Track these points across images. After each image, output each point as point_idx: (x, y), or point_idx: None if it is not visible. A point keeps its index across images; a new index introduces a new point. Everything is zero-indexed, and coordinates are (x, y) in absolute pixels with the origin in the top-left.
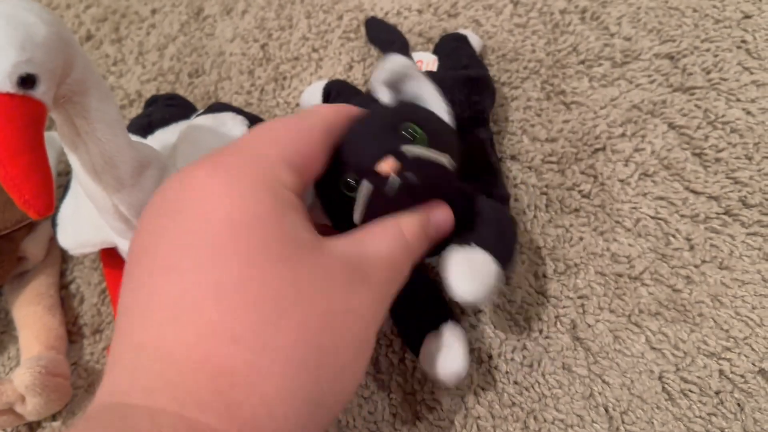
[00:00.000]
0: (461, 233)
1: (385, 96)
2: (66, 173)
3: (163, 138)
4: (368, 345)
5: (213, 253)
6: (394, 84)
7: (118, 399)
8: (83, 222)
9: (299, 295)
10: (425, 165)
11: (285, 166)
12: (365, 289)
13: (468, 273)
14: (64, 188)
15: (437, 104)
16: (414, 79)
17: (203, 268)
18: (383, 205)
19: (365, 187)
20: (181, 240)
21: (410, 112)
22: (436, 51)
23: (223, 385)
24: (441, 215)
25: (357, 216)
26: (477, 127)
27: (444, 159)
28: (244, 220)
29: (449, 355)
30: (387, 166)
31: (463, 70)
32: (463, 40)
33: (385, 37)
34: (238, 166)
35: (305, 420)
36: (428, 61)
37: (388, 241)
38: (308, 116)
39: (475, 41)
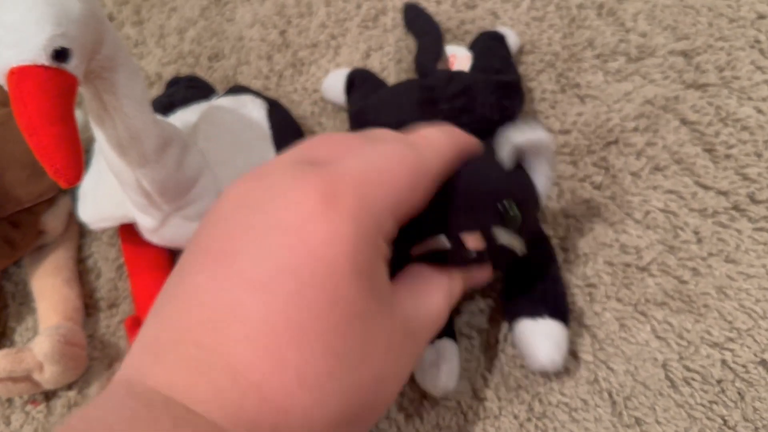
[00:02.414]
0: (525, 295)
1: (508, 158)
2: (86, 151)
3: (184, 118)
4: (395, 398)
5: (307, 290)
6: (521, 149)
7: (181, 397)
8: (104, 196)
9: (365, 355)
10: (503, 251)
11: (391, 214)
12: (413, 347)
13: (554, 347)
14: (85, 164)
15: (543, 185)
16: (540, 154)
17: (294, 303)
18: (444, 259)
19: (441, 241)
20: (277, 261)
21: (518, 187)
22: (471, 47)
23: (279, 422)
24: (483, 275)
25: (415, 251)
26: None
27: (520, 247)
28: (344, 270)
29: (441, 370)
30: (472, 243)
31: (496, 74)
32: (500, 39)
33: (420, 25)
34: (353, 211)
35: None
36: (461, 56)
37: (438, 296)
38: (431, 154)
39: (512, 41)
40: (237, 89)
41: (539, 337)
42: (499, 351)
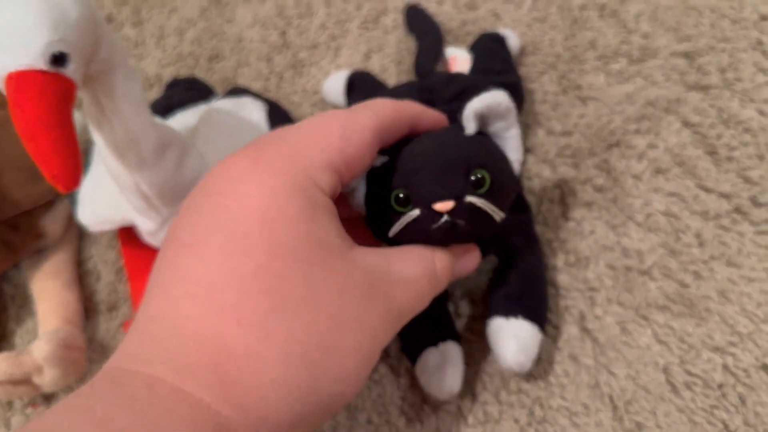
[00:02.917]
0: (504, 293)
1: (471, 127)
2: (85, 153)
3: (183, 120)
4: (372, 357)
5: (239, 240)
6: (484, 117)
7: (124, 365)
8: (103, 199)
9: (312, 294)
10: (478, 215)
11: (325, 167)
12: (382, 305)
13: (520, 347)
14: (84, 167)
15: (514, 152)
16: (505, 120)
17: (226, 251)
18: (421, 233)
19: (413, 214)
20: (211, 221)
21: (486, 155)
22: (472, 48)
23: (222, 362)
24: (471, 260)
25: (393, 231)
26: None
27: (497, 215)
28: (275, 217)
29: (446, 374)
30: (443, 207)
31: (495, 75)
32: (500, 41)
33: (421, 27)
34: (279, 163)
35: (297, 413)
36: (462, 58)
37: (417, 267)
38: (363, 112)
39: (513, 42)
40: (236, 91)
41: (508, 336)
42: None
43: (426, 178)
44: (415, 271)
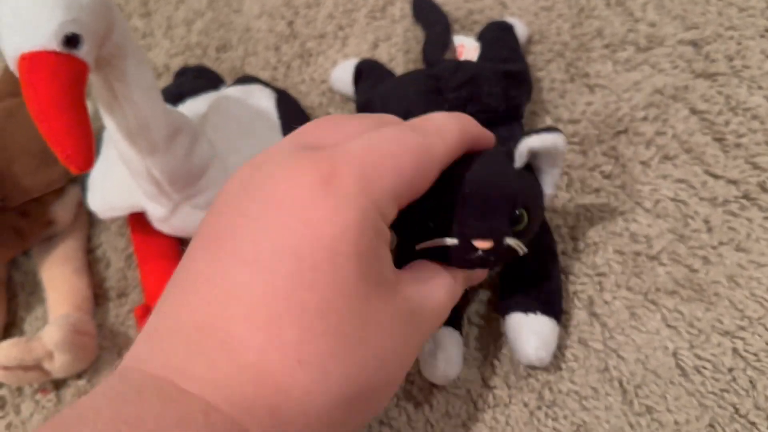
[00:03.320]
0: (521, 288)
1: (520, 162)
2: (96, 140)
3: (193, 108)
4: (399, 385)
5: (308, 273)
6: (535, 151)
7: (172, 376)
8: (114, 186)
9: (367, 336)
10: (510, 251)
11: (393, 198)
12: (416, 335)
13: (541, 343)
14: (95, 153)
15: (550, 188)
16: (552, 158)
17: (294, 283)
18: (452, 258)
19: (450, 241)
20: (280, 242)
21: (529, 194)
22: (480, 37)
23: (280, 404)
24: (481, 275)
25: (420, 246)
26: (511, 122)
27: (522, 249)
28: (344, 253)
29: (442, 358)
30: (482, 245)
31: (503, 64)
32: (508, 30)
33: (429, 16)
34: (353, 192)
35: None
36: (470, 47)
37: (443, 292)
38: (435, 141)
39: (521, 31)
40: (245, 79)
41: (529, 332)
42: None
43: (471, 212)
44: (442, 296)
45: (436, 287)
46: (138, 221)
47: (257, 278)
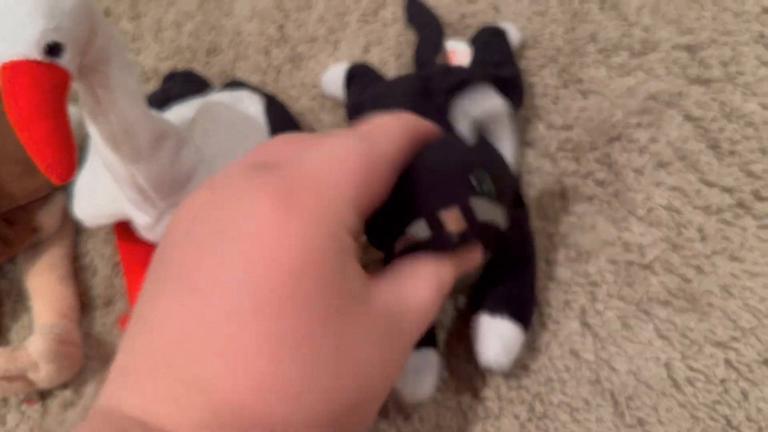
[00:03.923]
0: (492, 290)
1: (465, 129)
2: (81, 148)
3: (180, 113)
4: (386, 394)
5: (273, 301)
6: (480, 121)
7: (153, 420)
8: (99, 193)
9: (343, 354)
10: (487, 228)
11: (353, 208)
12: (398, 341)
13: (502, 348)
14: (80, 161)
15: (510, 152)
16: (502, 123)
17: (261, 315)
18: (429, 248)
19: (421, 229)
20: (240, 274)
21: (486, 158)
22: (472, 42)
23: None
24: (474, 260)
25: (399, 246)
26: None
27: (502, 222)
28: (308, 273)
29: (416, 379)
30: (453, 222)
31: (494, 69)
32: (500, 35)
33: (421, 19)
34: (310, 208)
35: None
36: (462, 51)
37: (426, 287)
38: (380, 140)
39: (514, 36)
40: (234, 84)
41: (492, 335)
42: None
43: (430, 192)
44: (425, 294)
45: (417, 285)
46: (124, 230)
47: (222, 316)
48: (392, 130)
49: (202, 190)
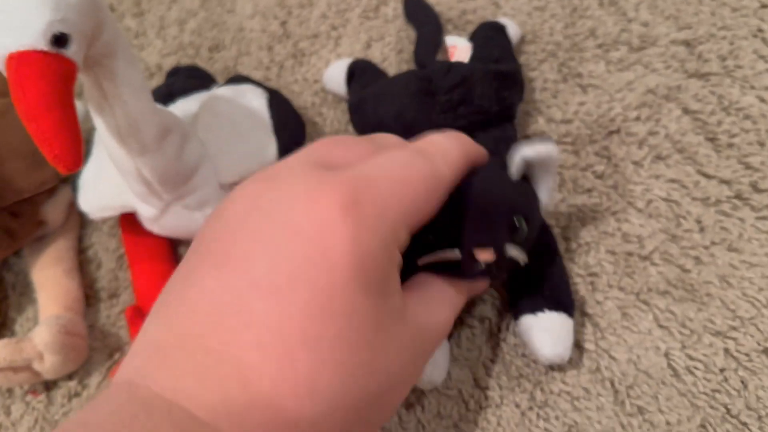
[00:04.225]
0: (526, 290)
1: (516, 170)
2: (86, 141)
3: (184, 107)
4: (404, 398)
5: (325, 303)
6: (529, 160)
7: (184, 402)
8: (104, 186)
9: (378, 365)
10: (511, 263)
11: (406, 225)
12: (422, 354)
13: (554, 340)
14: (86, 154)
15: (546, 197)
16: (547, 167)
17: (311, 312)
18: (451, 270)
19: (452, 254)
20: (297, 270)
21: (526, 203)
22: (472, 38)
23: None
24: (482, 287)
25: (423, 261)
26: (504, 122)
27: (523, 259)
28: (360, 283)
29: (430, 366)
30: (484, 256)
31: (494, 64)
32: (500, 30)
33: (420, 16)
34: (372, 220)
35: None
36: (462, 47)
37: (446, 313)
38: (441, 164)
39: (513, 31)
40: (237, 79)
41: (539, 332)
42: (501, 340)
43: (472, 224)
44: (446, 314)
45: (440, 305)
46: (129, 222)
47: (270, 305)
48: (451, 154)
49: (258, 179)
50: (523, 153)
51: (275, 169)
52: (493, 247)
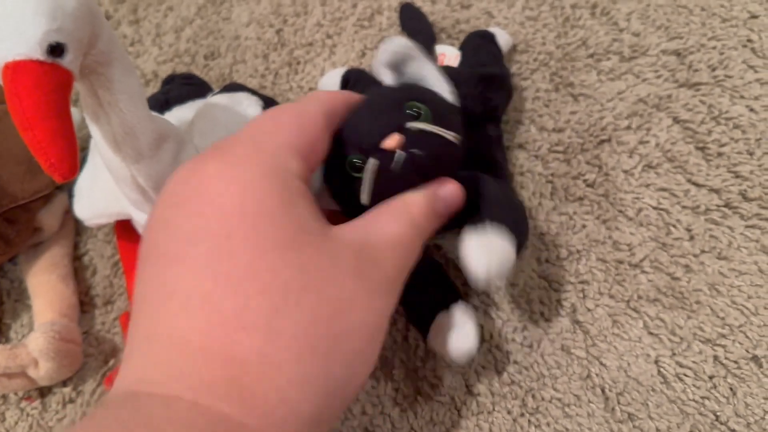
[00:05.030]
0: (473, 214)
1: (387, 77)
2: (82, 148)
3: (179, 115)
4: (381, 330)
5: (223, 243)
6: (397, 66)
7: (134, 387)
8: (100, 193)
9: (309, 283)
10: (431, 139)
11: (291, 153)
12: (375, 273)
13: (486, 256)
14: (81, 161)
15: (440, 84)
16: (416, 60)
17: (214, 258)
18: (391, 183)
19: (371, 164)
20: (190, 230)
21: (413, 92)
22: (462, 47)
23: (236, 372)
24: (449, 190)
25: (364, 196)
26: (487, 124)
27: (449, 134)
28: (254, 210)
29: (461, 334)
30: (392, 141)
31: (481, 68)
32: (489, 38)
33: (414, 25)
34: (247, 156)
35: (318, 406)
36: (451, 55)
37: (395, 222)
38: (308, 102)
39: (503, 40)
40: (232, 87)
41: (474, 246)
42: (493, 346)
43: (366, 130)
44: (394, 228)
45: (385, 220)
46: (124, 229)
47: (181, 270)
48: (319, 95)
49: (168, 181)
50: (379, 59)
51: (178, 168)
52: (393, 129)
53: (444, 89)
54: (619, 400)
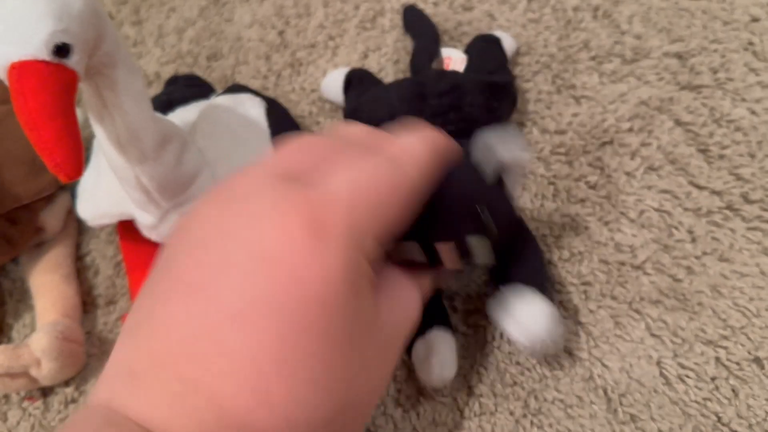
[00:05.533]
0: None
1: (489, 169)
2: (85, 149)
3: (183, 116)
4: (376, 404)
5: (296, 324)
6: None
7: (156, 429)
8: (103, 193)
9: (352, 376)
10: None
11: (376, 239)
12: (392, 357)
13: (542, 325)
14: (85, 161)
15: (515, 189)
16: (519, 168)
17: (282, 342)
18: (421, 266)
19: (416, 252)
20: (265, 296)
21: (491, 195)
22: (467, 50)
23: None
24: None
25: (392, 251)
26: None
27: (490, 260)
28: (333, 304)
29: (437, 362)
30: (446, 256)
31: (488, 75)
32: (495, 42)
33: (418, 27)
34: (342, 242)
35: None
36: (456, 59)
37: (413, 306)
38: (410, 169)
39: (508, 44)
40: (235, 88)
41: (519, 313)
42: (495, 348)
43: (434, 220)
44: (414, 311)
45: (407, 299)
46: (127, 229)
47: (239, 332)
48: (420, 156)
49: (220, 197)
50: (498, 155)
51: (236, 184)
52: (454, 240)
53: (515, 194)
54: (622, 402)
